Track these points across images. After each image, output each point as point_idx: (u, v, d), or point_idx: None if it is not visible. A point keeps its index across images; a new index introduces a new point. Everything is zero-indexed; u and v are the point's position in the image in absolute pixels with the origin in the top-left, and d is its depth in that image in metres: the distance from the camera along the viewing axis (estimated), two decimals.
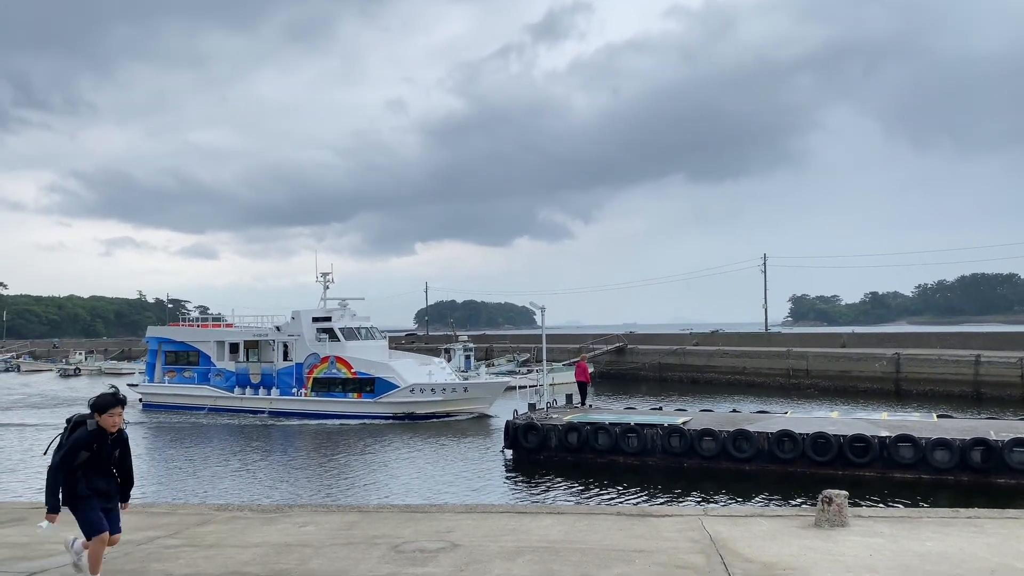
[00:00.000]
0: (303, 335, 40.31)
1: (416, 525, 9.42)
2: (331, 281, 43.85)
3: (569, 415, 26.79)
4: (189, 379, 44.27)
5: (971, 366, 43.81)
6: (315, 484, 22.80)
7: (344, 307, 42.53)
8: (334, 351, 39.46)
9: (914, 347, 50.75)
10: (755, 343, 60.99)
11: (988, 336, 53.18)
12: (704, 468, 22.91)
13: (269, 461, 27.05)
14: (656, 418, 25.76)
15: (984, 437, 20.57)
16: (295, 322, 41.17)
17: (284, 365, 40.79)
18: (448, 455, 27.38)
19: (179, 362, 45.18)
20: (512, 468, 24.63)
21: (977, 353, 44.67)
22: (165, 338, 46.52)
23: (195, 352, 44.51)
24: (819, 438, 21.85)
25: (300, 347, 40.33)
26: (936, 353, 47.23)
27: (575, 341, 70.12)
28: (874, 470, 21.21)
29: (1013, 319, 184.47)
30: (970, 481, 20.19)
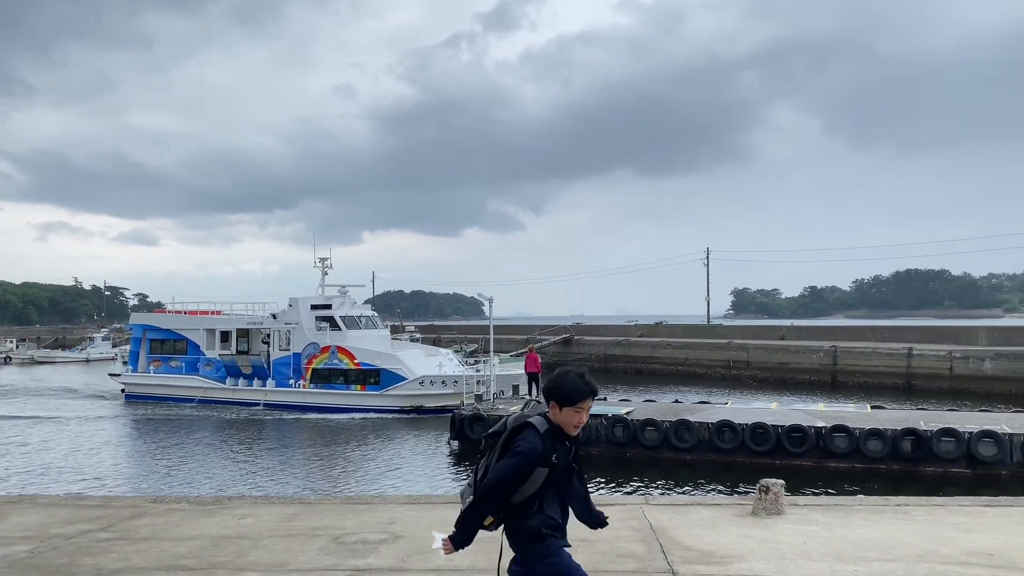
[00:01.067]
0: (301, 323, 38.53)
1: (359, 516, 9.33)
2: (330, 267, 41.97)
3: (516, 406, 26.86)
4: (176, 369, 42.16)
5: (903, 359, 45.29)
6: (254, 475, 22.46)
7: (344, 294, 40.78)
8: (335, 341, 37.67)
9: (850, 340, 52.26)
10: (698, 335, 62.07)
11: (920, 330, 55.05)
12: (647, 458, 23.23)
13: (249, 454, 26.54)
14: (600, 408, 25.99)
15: (914, 427, 21.28)
16: (292, 310, 39.32)
17: (280, 355, 38.98)
18: (394, 447, 27.24)
19: (165, 351, 42.99)
20: (458, 459, 24.62)
21: (909, 346, 46.20)
22: (150, 325, 44.15)
23: (183, 340, 42.35)
24: (758, 428, 22.33)
25: (298, 336, 38.55)
26: (871, 346, 48.73)
27: (523, 332, 70.37)
28: (810, 460, 21.77)
29: (944, 314, 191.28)
30: (901, 470, 20.88)
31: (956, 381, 42.60)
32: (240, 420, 34.71)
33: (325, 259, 42.10)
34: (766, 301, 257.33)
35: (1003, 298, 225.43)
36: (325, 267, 41.85)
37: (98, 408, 39.28)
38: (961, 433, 20.67)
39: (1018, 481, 19.58)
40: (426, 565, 7.23)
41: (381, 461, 24.47)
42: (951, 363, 43.36)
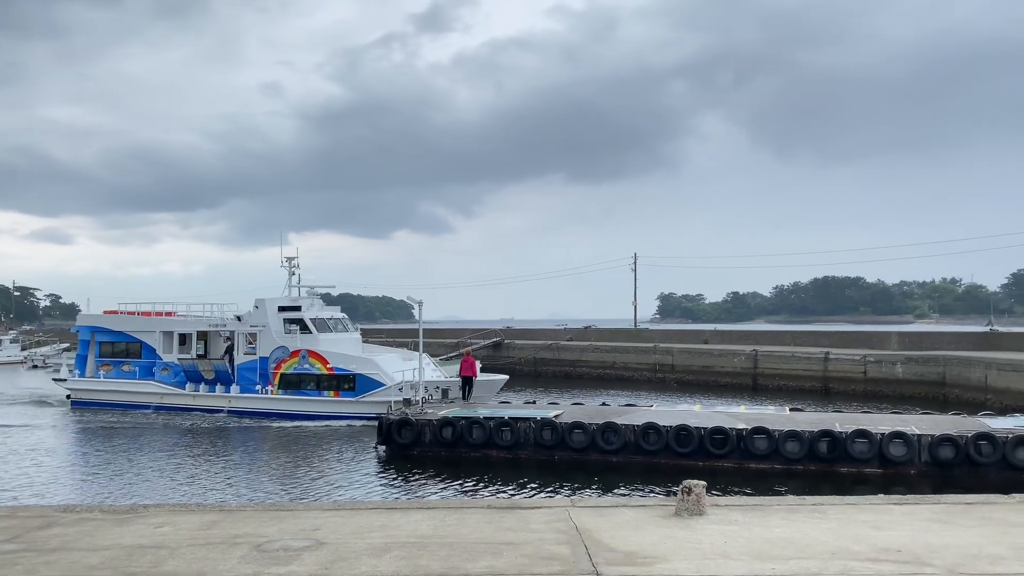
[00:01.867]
0: (269, 326, 36.53)
1: (281, 523, 9.15)
2: (297, 266, 39.60)
3: (444, 410, 26.77)
4: (129, 373, 39.47)
5: (821, 363, 46.89)
6: (175, 484, 21.78)
7: (313, 296, 39.10)
8: (306, 344, 35.71)
9: (770, 344, 53.84)
10: (625, 339, 63.03)
11: (836, 335, 57.08)
12: (574, 460, 23.45)
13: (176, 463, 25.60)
14: (529, 412, 26.14)
15: (830, 429, 22.05)
16: (259, 311, 37.26)
17: (245, 359, 36.89)
18: (320, 452, 26.80)
19: (117, 354, 40.28)
20: (385, 464, 24.37)
21: (826, 351, 47.86)
22: (99, 327, 41.15)
23: (136, 343, 39.78)
24: (682, 430, 22.79)
25: (266, 339, 36.47)
26: (790, 350, 50.29)
27: (453, 336, 70.16)
28: (732, 461, 22.33)
29: (859, 319, 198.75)
30: (817, 470, 21.60)
31: (870, 384, 44.32)
32: (199, 428, 32.88)
33: (293, 258, 39.85)
34: (691, 306, 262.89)
35: (914, 304, 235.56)
36: (293, 267, 39.51)
37: (39, 415, 36.75)
38: (874, 434, 21.52)
39: (926, 480, 20.49)
40: (350, 572, 7.13)
41: (307, 468, 24.04)
42: (865, 367, 45.11)
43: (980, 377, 38.65)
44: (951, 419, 24.62)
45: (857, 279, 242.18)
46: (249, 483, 21.85)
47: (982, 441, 20.84)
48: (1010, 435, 20.97)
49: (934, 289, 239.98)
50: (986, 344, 46.56)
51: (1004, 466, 20.47)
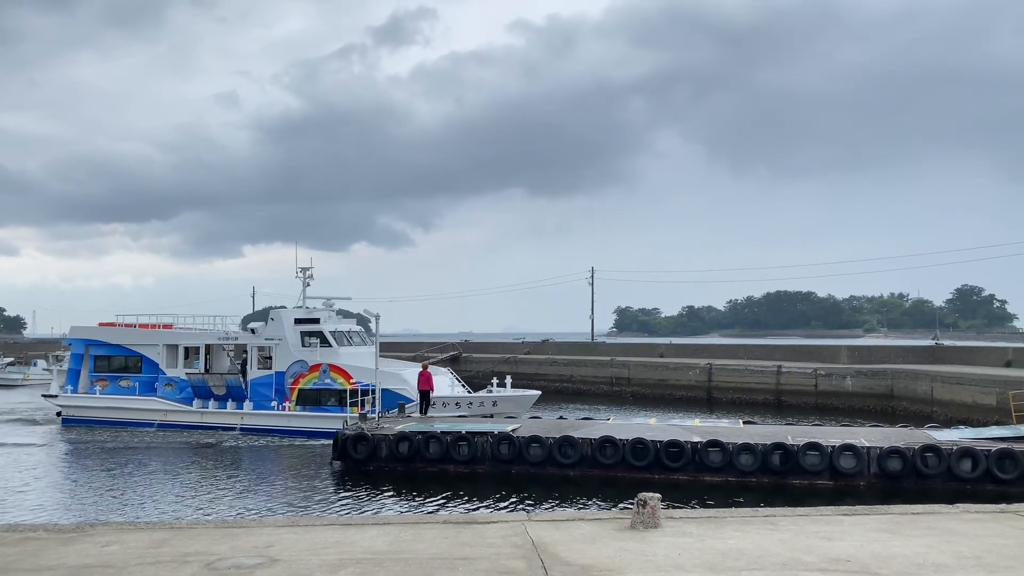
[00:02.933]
0: (286, 339, 35.01)
1: (233, 540, 8.99)
2: (311, 277, 37.86)
3: (401, 424, 26.60)
4: (128, 389, 37.35)
5: (773, 376, 47.68)
6: (124, 502, 21.26)
7: (330, 307, 37.62)
8: (326, 358, 34.34)
9: (724, 358, 54.59)
10: (582, 352, 63.38)
11: (788, 349, 58.11)
12: (532, 474, 23.46)
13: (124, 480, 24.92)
14: (486, 426, 26.10)
15: (783, 442, 22.41)
16: (275, 324, 35.71)
17: (259, 374, 35.15)
18: (274, 468, 26.41)
19: (114, 369, 38.22)
20: (341, 480, 24.11)
21: (779, 364, 48.69)
22: (94, 340, 38.90)
23: (136, 357, 37.72)
24: (638, 444, 22.97)
25: (282, 353, 34.85)
26: (743, 364, 51.05)
27: (410, 349, 69.77)
28: (687, 474, 22.56)
29: (810, 333, 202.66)
30: (770, 482, 21.93)
31: (821, 397, 45.19)
32: (207, 446, 31.21)
33: (307, 269, 38.07)
34: (647, 320, 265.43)
35: (863, 319, 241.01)
36: (307, 278, 37.79)
37: (24, 435, 34.68)
38: (825, 447, 21.92)
39: (875, 491, 20.92)
40: None
41: (262, 484, 23.67)
42: (816, 380, 45.99)
43: (926, 390, 39.66)
44: (899, 431, 25.20)
45: (808, 294, 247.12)
46: (202, 499, 21.43)
47: (928, 453, 21.37)
48: (955, 447, 21.54)
49: (882, 304, 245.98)
50: (932, 358, 47.81)
51: (949, 477, 21.02)
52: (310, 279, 37.72)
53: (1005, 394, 28.89)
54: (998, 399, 32.24)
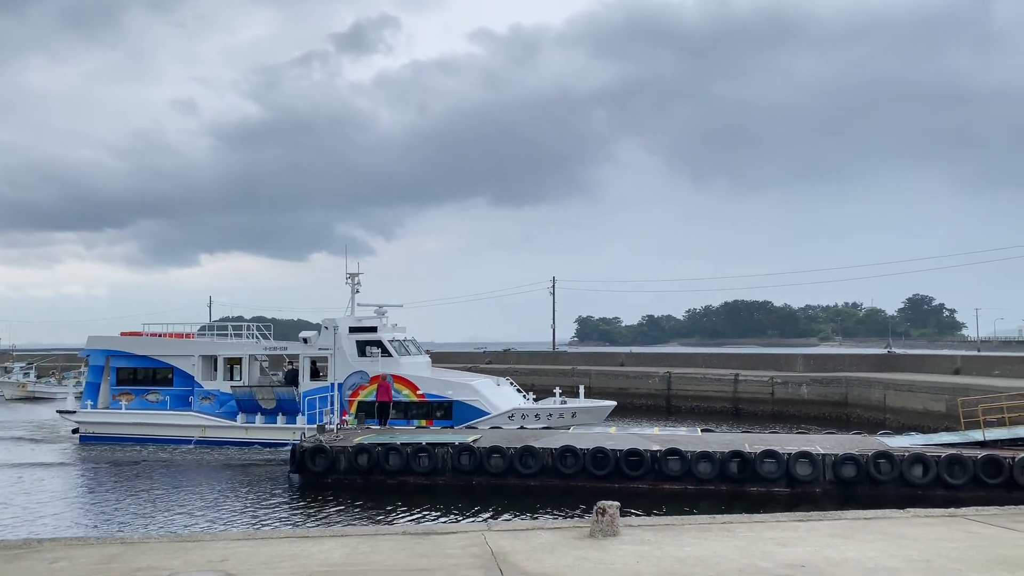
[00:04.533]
0: (343, 349, 33.13)
1: (187, 555, 8.83)
2: (359, 284, 36.08)
3: (360, 436, 26.35)
4: (157, 404, 34.72)
5: (731, 384, 48.26)
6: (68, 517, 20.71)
7: (383, 315, 35.58)
8: (388, 369, 32.61)
9: (683, 366, 55.12)
10: (543, 361, 63.49)
11: (745, 357, 58.88)
12: (493, 485, 23.39)
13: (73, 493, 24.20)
14: (447, 437, 25.98)
15: (740, 450, 22.66)
16: (328, 333, 33.51)
17: (313, 386, 33.18)
18: (231, 481, 25.95)
19: (140, 382, 35.62)
20: (298, 493, 23.78)
21: (736, 372, 49.30)
22: (116, 351, 36.12)
23: (167, 369, 35.34)
24: (598, 453, 23.04)
25: (339, 364, 32.75)
26: (701, 372, 51.61)
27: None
28: (646, 482, 22.68)
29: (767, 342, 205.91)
30: (728, 490, 22.15)
31: (777, 405, 45.82)
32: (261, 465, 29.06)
33: (356, 275, 36.13)
34: (608, 329, 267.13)
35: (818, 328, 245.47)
36: (356, 284, 35.97)
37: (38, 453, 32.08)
38: (781, 455, 22.22)
39: (830, 497, 21.25)
40: None
41: (217, 497, 23.23)
42: (773, 388, 46.64)
43: (879, 397, 40.46)
44: (853, 438, 25.66)
45: (765, 303, 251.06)
46: (155, 513, 20.96)
47: (881, 459, 21.77)
48: (906, 453, 21.99)
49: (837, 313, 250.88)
50: (885, 366, 48.79)
51: (901, 483, 21.43)
52: (359, 286, 36.07)
53: (954, 401, 29.58)
54: (948, 406, 33.01)
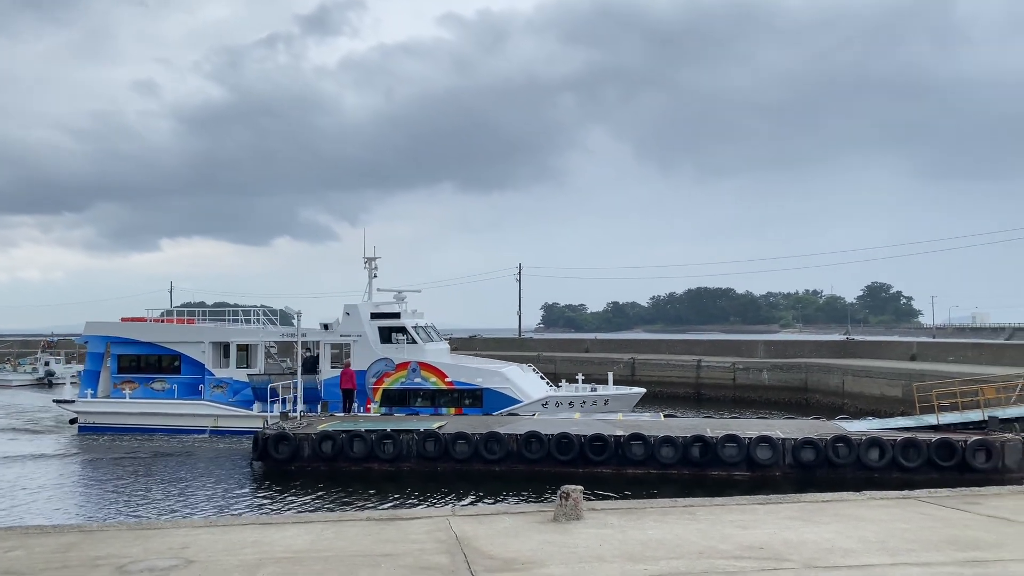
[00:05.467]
0: (366, 336, 32.46)
1: (147, 542, 8.73)
2: (376, 268, 34.94)
3: (324, 423, 26.22)
4: (163, 392, 33.35)
5: (693, 370, 48.85)
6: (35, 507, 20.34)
7: (402, 301, 34.76)
8: (414, 356, 32.02)
9: (647, 352, 55.66)
10: (510, 347, 63.57)
11: (708, 343, 59.64)
12: (458, 471, 23.45)
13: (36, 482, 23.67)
14: (412, 424, 25.96)
15: (702, 434, 22.97)
16: (351, 319, 32.84)
17: (334, 374, 32.10)
18: (191, 469, 25.66)
19: (145, 369, 34.10)
20: (262, 480, 23.61)
21: (699, 358, 49.92)
22: (117, 337, 34.58)
23: (172, 356, 33.87)
24: (563, 438, 23.20)
25: (362, 351, 32.23)
26: (665, 358, 52.16)
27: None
28: (610, 467, 22.91)
29: (729, 328, 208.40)
30: (691, 474, 22.46)
31: (739, 390, 46.51)
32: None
33: (374, 259, 35.19)
34: (573, 315, 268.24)
35: (779, 315, 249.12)
36: (373, 269, 34.99)
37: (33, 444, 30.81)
38: (742, 439, 22.57)
39: (790, 481, 21.65)
40: None
41: (178, 484, 22.97)
42: (734, 374, 47.30)
43: (838, 383, 41.25)
44: (812, 423, 26.15)
45: (728, 290, 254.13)
46: (114, 500, 20.68)
47: (839, 443, 22.22)
48: (863, 437, 22.48)
49: (798, 300, 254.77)
50: (843, 352, 49.74)
51: (859, 466, 21.91)
52: (376, 270, 35.10)
53: (910, 386, 30.27)
54: (903, 391, 33.76)
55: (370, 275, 35.17)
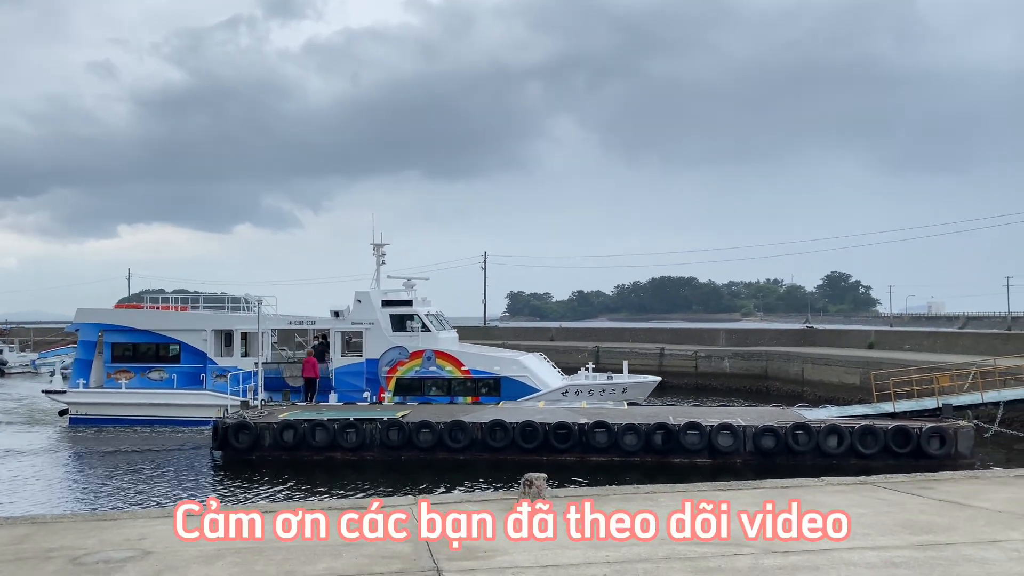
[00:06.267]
0: (378, 323, 31.71)
1: (102, 534, 8.56)
2: (384, 255, 34.29)
3: (285, 412, 25.98)
4: (161, 382, 31.97)
5: (657, 357, 49.31)
6: None
7: (412, 288, 34.13)
8: (429, 344, 31.43)
9: (611, 341, 56.06)
10: (475, 336, 63.38)
11: (671, 332, 60.23)
12: (422, 460, 23.42)
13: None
14: (375, 412, 25.84)
15: (665, 422, 23.21)
16: (363, 307, 32.06)
17: (344, 363, 31.84)
18: (150, 459, 25.27)
19: (140, 358, 32.81)
20: (222, 470, 23.35)
21: (662, 347, 50.41)
22: (111, 324, 33.22)
23: (171, 344, 32.63)
24: (527, 427, 23.28)
25: (375, 339, 31.55)
26: (628, 346, 52.58)
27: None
28: (575, 454, 23.05)
29: (692, 317, 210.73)
30: (653, 461, 22.69)
31: (701, 378, 47.08)
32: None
33: (382, 245, 34.50)
34: (539, 304, 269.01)
35: (741, 303, 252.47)
36: (381, 255, 34.34)
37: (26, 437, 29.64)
38: (704, 426, 22.85)
39: (750, 468, 21.96)
40: None
41: (137, 474, 22.62)
42: (696, 361, 47.86)
43: (797, 371, 41.93)
44: (772, 411, 26.56)
45: (691, 279, 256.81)
46: (70, 492, 20.31)
47: (799, 431, 22.60)
48: (823, 424, 22.88)
49: (759, 289, 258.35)
50: (803, 340, 50.57)
51: (818, 453, 22.31)
52: (384, 256, 34.45)
53: (868, 374, 30.88)
54: (861, 379, 34.45)
55: (378, 262, 34.45)
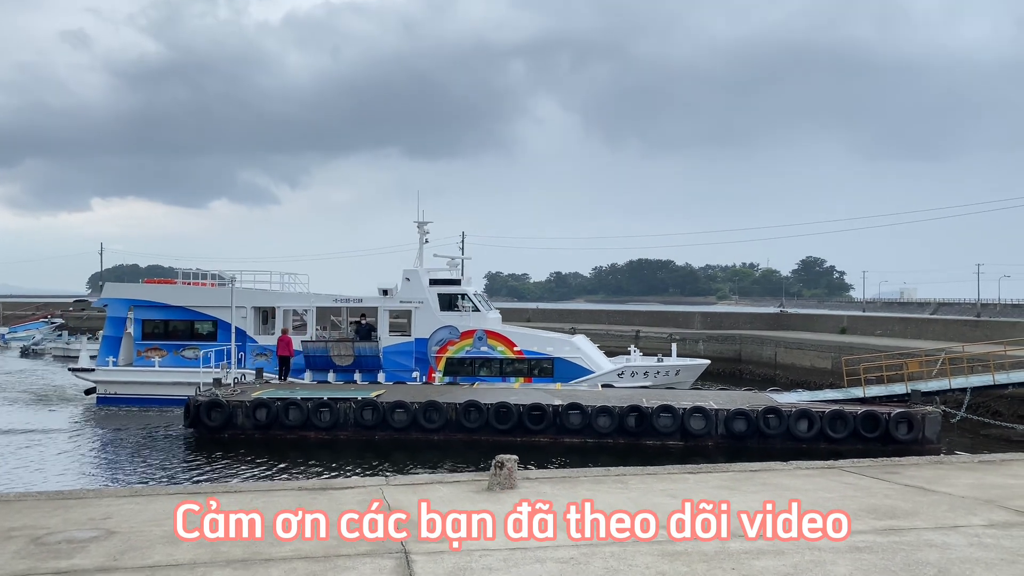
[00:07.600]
0: (427, 302, 31.12)
1: (66, 513, 8.45)
2: (428, 233, 33.33)
3: (259, 391, 25.81)
4: (196, 360, 30.09)
5: (632, 340, 49.43)
6: None
7: (455, 267, 33.77)
8: (480, 324, 30.85)
9: (588, 322, 56.22)
10: None
11: (647, 314, 60.51)
12: (395, 440, 23.38)
13: None
14: (349, 392, 25.74)
15: (638, 404, 23.33)
16: (411, 285, 31.41)
17: (393, 341, 31.11)
18: (119, 436, 25.03)
19: (172, 336, 31.91)
20: (193, 448, 23.17)
21: (637, 328, 50.64)
22: (142, 300, 32.34)
23: (207, 321, 31.78)
24: (501, 408, 23.31)
25: (425, 318, 30.96)
26: (605, 328, 52.77)
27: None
28: (548, 436, 23.12)
29: (668, 300, 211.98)
30: (626, 443, 22.82)
31: None
32: None
33: (426, 223, 33.45)
34: (517, 285, 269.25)
35: (716, 287, 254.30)
36: (425, 232, 33.35)
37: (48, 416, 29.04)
38: (676, 409, 22.99)
39: (722, 451, 22.17)
40: (141, 562, 6.70)
41: (103, 452, 22.40)
42: (672, 344, 48.07)
43: (771, 355, 42.32)
44: (744, 394, 26.78)
45: (668, 262, 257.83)
46: (34, 469, 20.05)
47: (770, 415, 22.82)
48: (794, 409, 23.11)
49: (735, 273, 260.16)
50: (777, 324, 51.04)
51: (788, 437, 22.54)
52: (427, 234, 33.50)
53: (839, 359, 31.23)
54: (833, 363, 34.83)
55: (421, 240, 33.50)
